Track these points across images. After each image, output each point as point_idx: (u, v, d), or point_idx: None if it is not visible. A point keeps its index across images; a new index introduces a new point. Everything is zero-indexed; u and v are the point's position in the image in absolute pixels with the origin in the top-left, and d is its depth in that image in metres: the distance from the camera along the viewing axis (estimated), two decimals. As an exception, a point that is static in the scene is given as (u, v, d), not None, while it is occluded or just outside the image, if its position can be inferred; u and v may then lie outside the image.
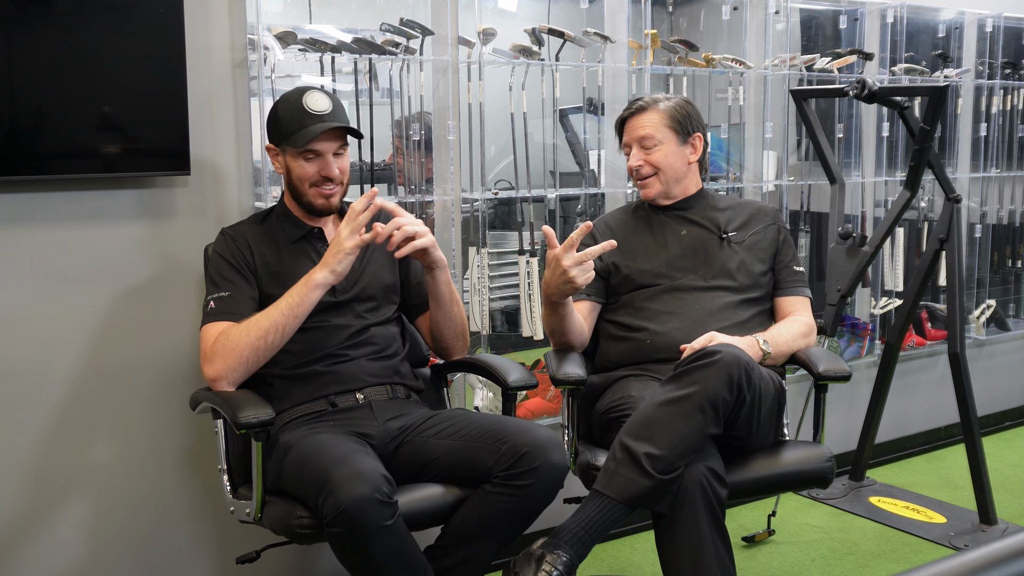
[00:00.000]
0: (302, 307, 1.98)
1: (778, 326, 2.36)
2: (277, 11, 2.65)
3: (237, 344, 1.97)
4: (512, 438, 1.94)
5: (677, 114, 2.41)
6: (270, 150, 2.15)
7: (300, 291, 1.98)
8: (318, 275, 1.98)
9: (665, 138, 2.39)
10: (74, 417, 2.24)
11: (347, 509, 1.72)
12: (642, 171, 2.41)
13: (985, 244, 4.01)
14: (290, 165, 2.10)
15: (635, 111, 2.43)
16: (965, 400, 3.03)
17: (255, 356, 1.98)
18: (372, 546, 1.76)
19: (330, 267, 1.98)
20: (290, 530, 1.88)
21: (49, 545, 2.24)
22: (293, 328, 1.99)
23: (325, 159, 2.08)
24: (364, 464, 1.80)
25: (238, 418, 1.86)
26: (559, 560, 1.88)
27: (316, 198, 2.11)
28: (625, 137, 2.45)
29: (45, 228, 2.17)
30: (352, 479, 1.75)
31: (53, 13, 2.10)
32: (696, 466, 1.95)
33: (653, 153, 2.40)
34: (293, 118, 2.07)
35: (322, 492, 1.76)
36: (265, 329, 1.97)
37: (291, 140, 2.06)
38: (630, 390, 2.22)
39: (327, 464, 1.80)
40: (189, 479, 2.38)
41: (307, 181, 2.09)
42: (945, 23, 3.76)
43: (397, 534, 1.79)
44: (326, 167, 2.09)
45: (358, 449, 1.90)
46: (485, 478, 1.94)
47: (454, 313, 2.21)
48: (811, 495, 3.30)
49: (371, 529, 1.74)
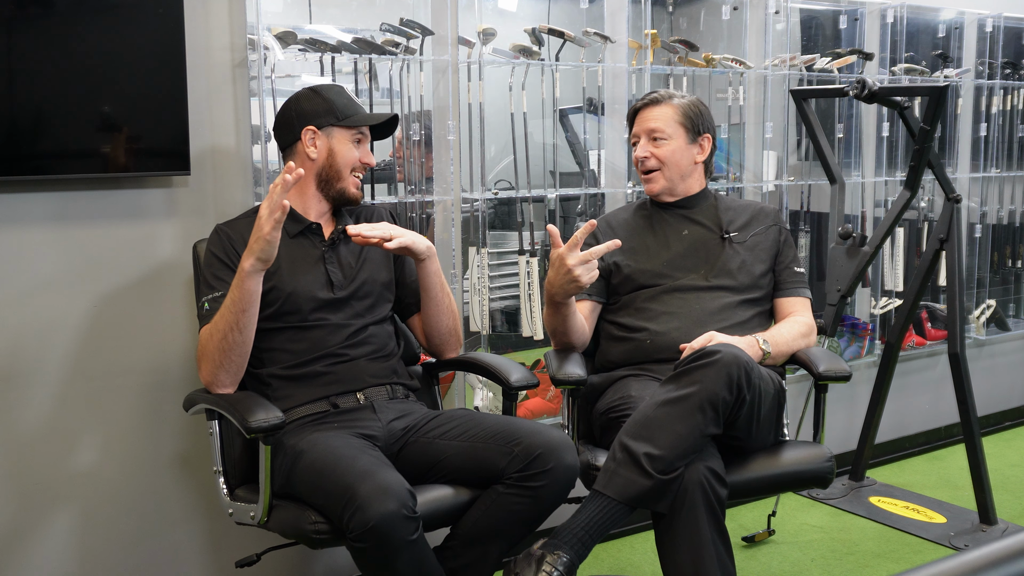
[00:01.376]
0: (245, 299, 1.93)
1: (778, 326, 2.36)
2: (277, 11, 2.65)
3: (207, 348, 1.97)
4: (525, 439, 1.93)
5: (690, 112, 2.42)
6: (308, 132, 2.11)
7: (236, 284, 1.94)
8: (246, 264, 1.93)
9: (675, 134, 2.40)
10: (73, 417, 2.23)
11: (376, 526, 1.71)
12: (647, 163, 2.42)
13: (985, 244, 4.01)
14: (336, 148, 2.13)
15: (649, 103, 2.44)
16: (965, 400, 3.03)
17: (226, 357, 1.96)
18: (397, 560, 1.76)
19: (255, 254, 1.91)
20: (304, 535, 1.86)
21: (41, 549, 2.23)
22: (249, 321, 1.95)
23: (365, 147, 2.17)
24: (389, 478, 1.79)
25: (248, 422, 1.84)
26: (559, 560, 1.88)
27: (352, 187, 2.16)
28: (635, 127, 2.46)
29: (44, 228, 2.17)
30: (379, 495, 1.73)
31: (53, 13, 2.10)
32: (696, 466, 1.95)
33: (661, 147, 2.40)
34: (346, 103, 2.14)
35: (348, 507, 1.74)
36: (223, 330, 1.95)
37: (348, 120, 2.12)
38: (630, 390, 2.22)
39: (351, 478, 1.78)
40: (184, 481, 2.38)
41: (350, 166, 2.14)
42: (945, 23, 3.76)
43: (420, 547, 1.79)
44: (367, 155, 2.17)
45: (377, 461, 1.87)
46: (497, 479, 1.93)
47: (445, 304, 2.21)
48: (811, 495, 3.30)
49: (398, 544, 1.73)
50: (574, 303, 2.28)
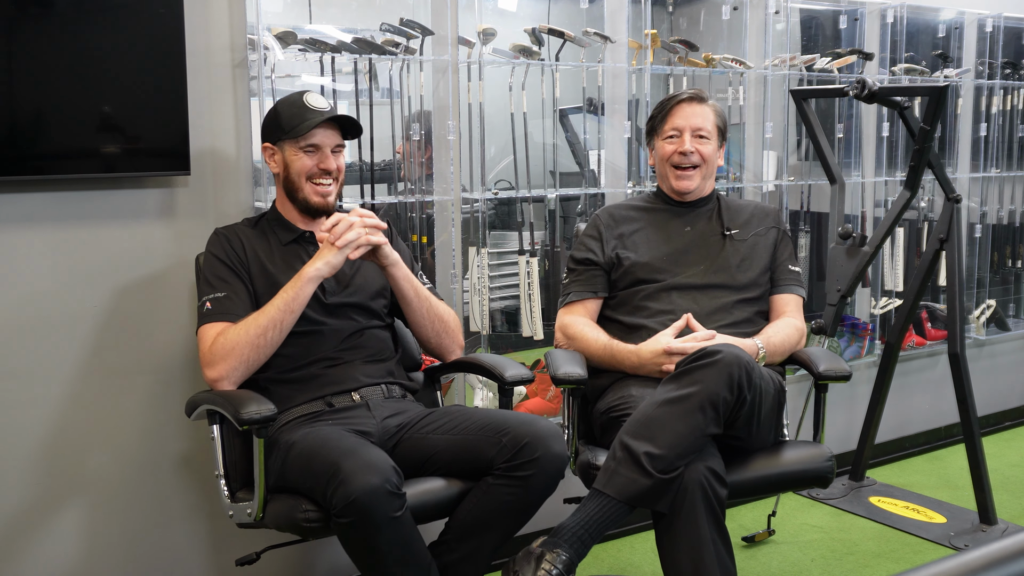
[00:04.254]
0: (297, 301, 2.00)
1: (775, 331, 2.36)
2: (277, 11, 2.64)
3: (237, 344, 1.97)
4: (513, 429, 1.95)
5: (722, 116, 2.49)
6: (267, 149, 2.16)
7: (294, 285, 2.00)
8: (310, 269, 2.00)
9: (712, 135, 2.45)
10: (72, 417, 2.23)
11: (358, 499, 1.72)
12: (692, 158, 2.42)
13: (985, 244, 4.01)
14: (289, 160, 2.12)
15: (693, 98, 2.45)
16: (965, 400, 3.03)
17: (255, 354, 1.99)
18: (380, 537, 1.77)
19: (324, 259, 2.00)
20: (296, 524, 1.87)
21: (44, 548, 2.23)
22: (290, 324, 2.00)
23: (323, 152, 2.12)
24: (374, 455, 1.81)
25: (240, 414, 1.86)
26: (559, 559, 1.88)
27: (313, 195, 2.13)
28: (679, 121, 2.43)
29: (45, 228, 2.17)
30: (363, 469, 1.75)
31: (53, 13, 2.10)
32: (696, 466, 1.95)
33: (704, 145, 2.43)
34: (294, 113, 2.11)
35: (332, 482, 1.76)
36: (263, 327, 1.98)
37: (291, 133, 2.10)
38: (630, 389, 2.22)
39: (336, 455, 1.80)
40: (186, 480, 2.38)
41: (304, 174, 2.12)
42: (945, 23, 3.76)
43: (405, 526, 1.80)
44: (324, 160, 2.12)
45: (365, 442, 1.91)
46: (487, 470, 1.95)
47: (424, 309, 2.20)
48: (811, 495, 3.30)
49: (380, 520, 1.75)
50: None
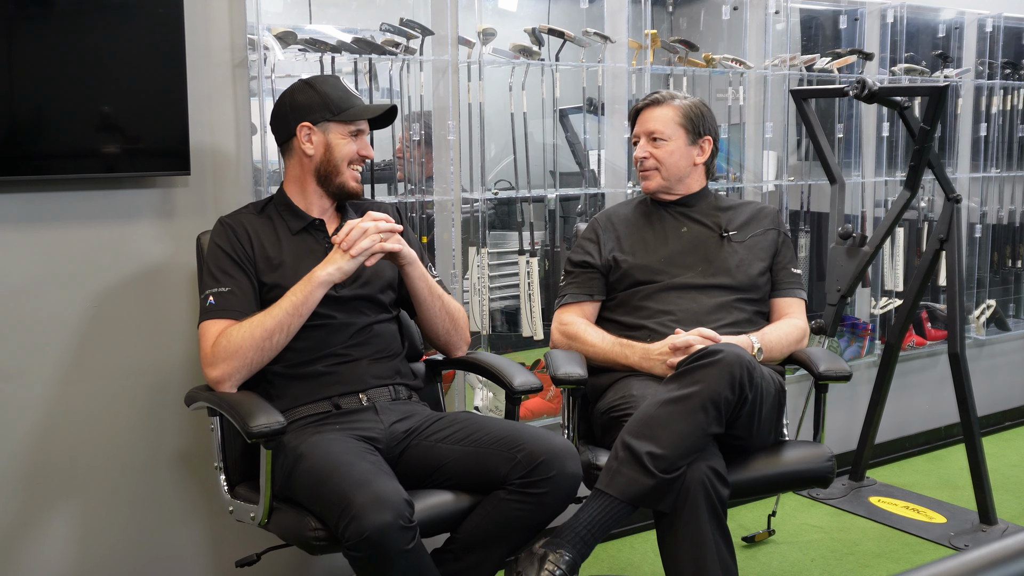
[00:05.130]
0: (306, 305, 1.96)
1: (772, 328, 2.36)
2: (277, 11, 2.65)
3: (240, 346, 1.94)
4: (528, 445, 1.92)
5: (691, 113, 2.44)
6: (304, 128, 2.08)
7: (304, 289, 1.96)
8: (322, 273, 1.96)
9: (674, 135, 2.42)
10: (73, 416, 2.23)
11: (370, 536, 1.69)
12: (646, 163, 2.44)
13: (985, 244, 4.01)
14: (332, 143, 2.09)
15: (650, 103, 2.46)
16: (965, 400, 3.03)
17: (259, 357, 1.96)
18: (392, 569, 1.74)
19: (336, 264, 1.97)
20: (304, 541, 1.85)
21: (42, 548, 2.23)
22: (297, 327, 1.97)
23: (363, 139, 2.13)
24: (386, 487, 1.77)
25: (249, 427, 1.82)
26: (562, 559, 1.88)
27: (351, 180, 2.12)
28: (636, 128, 2.48)
29: (45, 228, 2.17)
30: (375, 505, 1.71)
31: (53, 13, 2.10)
32: (698, 465, 1.95)
33: (660, 148, 2.42)
34: (341, 96, 2.10)
35: (344, 516, 1.72)
36: (269, 329, 1.94)
37: (344, 115, 2.08)
38: (631, 389, 2.22)
39: (347, 486, 1.76)
40: (185, 480, 2.38)
41: (347, 159, 2.10)
42: (945, 23, 3.76)
43: (417, 555, 1.78)
44: (365, 147, 2.13)
45: (375, 468, 1.85)
46: (499, 485, 1.92)
47: (437, 307, 2.18)
48: (811, 495, 3.30)
49: (394, 554, 1.72)
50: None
